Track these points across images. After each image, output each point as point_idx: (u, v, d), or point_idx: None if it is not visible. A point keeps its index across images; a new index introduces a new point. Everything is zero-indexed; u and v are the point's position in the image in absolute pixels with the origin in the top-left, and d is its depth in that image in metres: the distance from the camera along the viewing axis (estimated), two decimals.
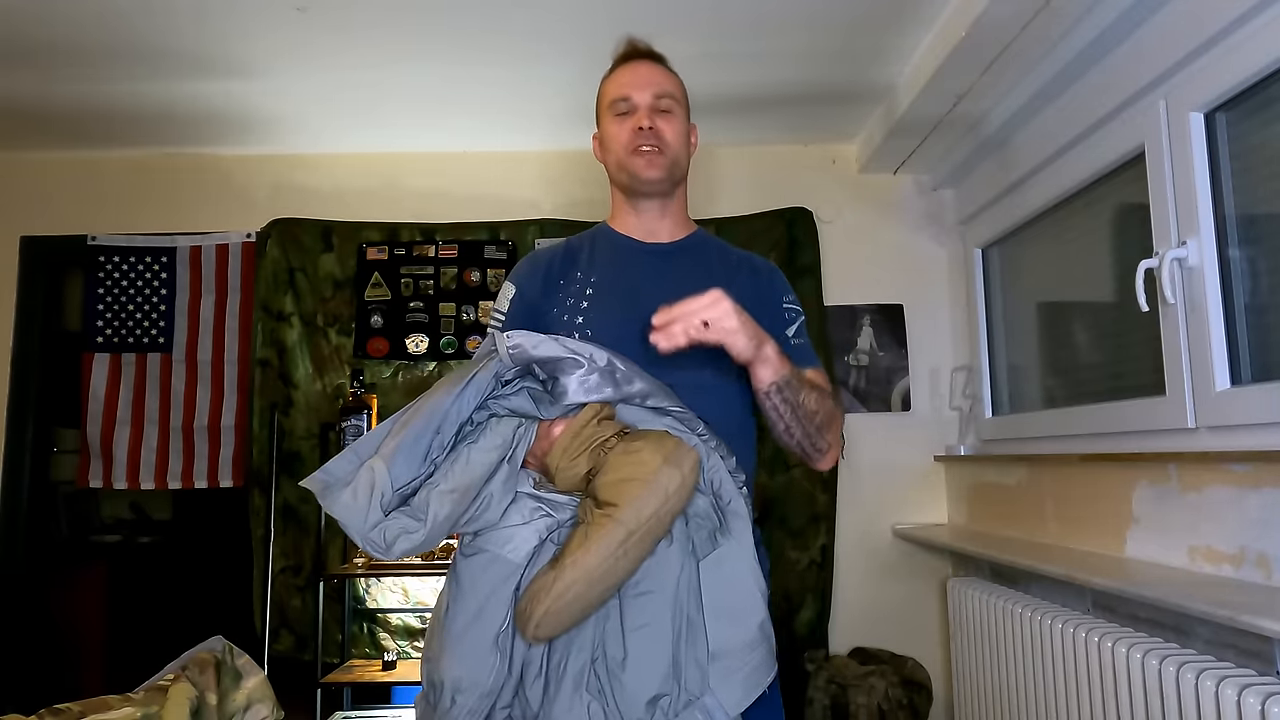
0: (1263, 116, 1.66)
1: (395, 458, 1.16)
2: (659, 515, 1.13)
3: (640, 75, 1.44)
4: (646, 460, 1.15)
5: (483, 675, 1.17)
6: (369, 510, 1.15)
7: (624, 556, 1.12)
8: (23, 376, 3.06)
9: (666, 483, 1.14)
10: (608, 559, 1.12)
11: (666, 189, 1.45)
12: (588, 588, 1.12)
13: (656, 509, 1.13)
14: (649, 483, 1.13)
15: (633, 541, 1.12)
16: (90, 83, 2.57)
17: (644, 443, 1.18)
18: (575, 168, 3.12)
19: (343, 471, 1.19)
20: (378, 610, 2.96)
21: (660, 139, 1.41)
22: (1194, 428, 1.78)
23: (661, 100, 1.43)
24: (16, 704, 2.02)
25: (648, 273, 1.43)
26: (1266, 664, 1.49)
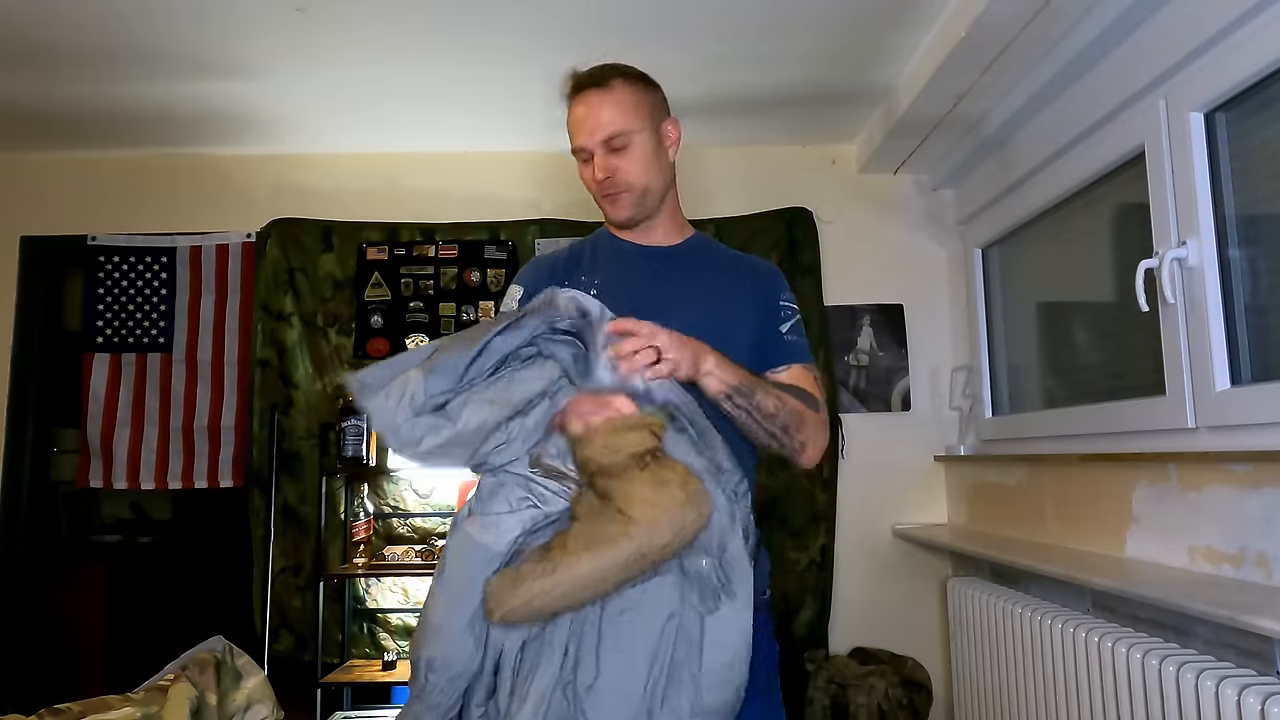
0: (1263, 116, 1.66)
1: (433, 370, 1.18)
2: (668, 547, 1.14)
3: (588, 119, 1.42)
4: (675, 493, 1.16)
5: (456, 657, 1.17)
6: (398, 410, 1.16)
7: (620, 573, 1.13)
8: (23, 376, 3.06)
9: (684, 519, 1.15)
10: (605, 571, 1.13)
11: (641, 218, 1.46)
12: (573, 591, 1.13)
13: (669, 541, 1.14)
14: (672, 513, 1.14)
15: (635, 563, 1.13)
16: (90, 83, 2.57)
17: (675, 474, 1.18)
18: (575, 168, 3.11)
19: (379, 379, 1.20)
20: (378, 610, 2.96)
21: (617, 182, 1.42)
22: (1194, 428, 1.78)
23: (613, 140, 1.40)
24: (16, 704, 2.02)
25: (651, 274, 1.45)
26: (1266, 664, 1.49)
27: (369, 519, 2.85)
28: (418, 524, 2.99)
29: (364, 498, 2.88)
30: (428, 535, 2.97)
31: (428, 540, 2.94)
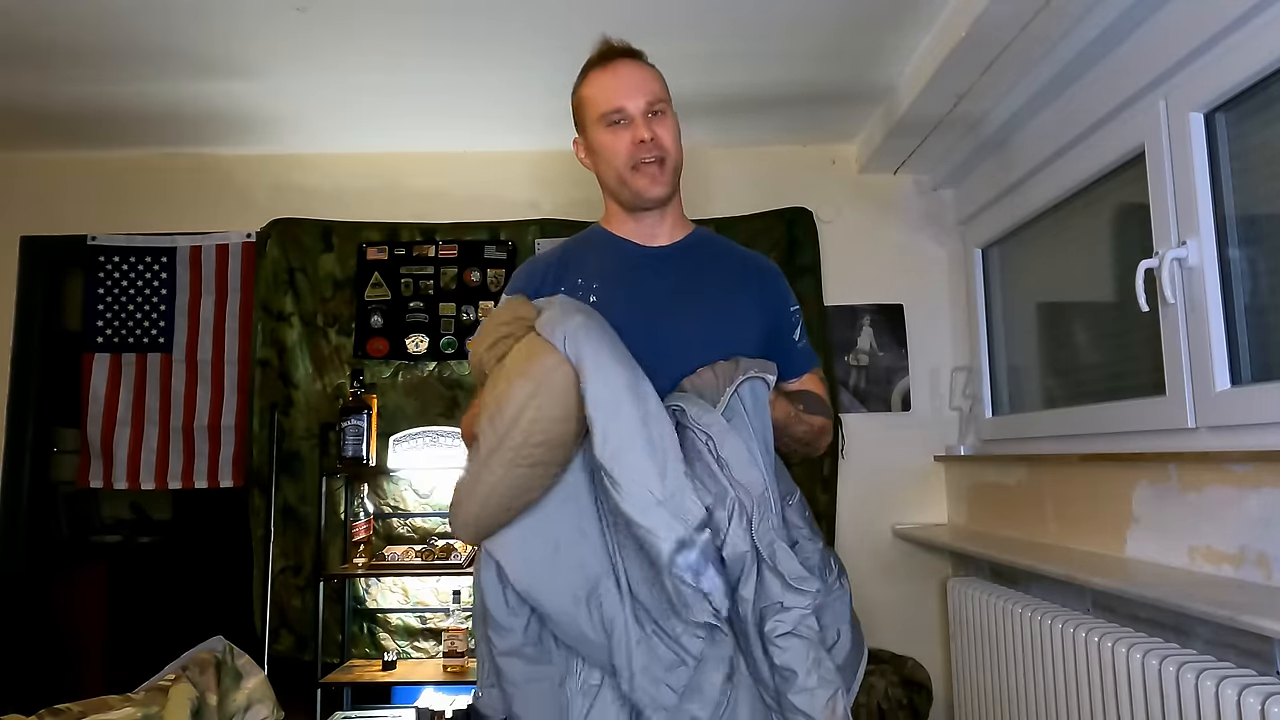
0: (1263, 116, 1.66)
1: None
2: (519, 427, 1.15)
3: (628, 81, 1.39)
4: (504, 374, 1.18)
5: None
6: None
7: (495, 471, 1.16)
8: (23, 376, 3.06)
9: (517, 395, 1.15)
10: (480, 478, 1.17)
11: (667, 197, 1.44)
12: (479, 505, 1.18)
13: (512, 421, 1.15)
14: (499, 399, 1.16)
15: (499, 458, 1.16)
16: (90, 83, 2.57)
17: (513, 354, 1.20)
18: (575, 168, 3.08)
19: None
20: (378, 610, 2.96)
21: (661, 146, 1.39)
22: (1194, 428, 1.78)
23: (655, 105, 1.39)
24: (16, 704, 2.02)
25: (651, 276, 1.43)
26: (1266, 664, 1.49)
27: (369, 519, 2.85)
28: (418, 524, 2.99)
29: (364, 498, 2.88)
30: (428, 535, 2.97)
31: (428, 540, 2.93)
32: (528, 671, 1.23)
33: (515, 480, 1.17)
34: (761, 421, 1.28)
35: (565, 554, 1.19)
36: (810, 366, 1.53)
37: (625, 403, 1.16)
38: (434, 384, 3.02)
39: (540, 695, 1.23)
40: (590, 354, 1.17)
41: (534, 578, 1.19)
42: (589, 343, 1.18)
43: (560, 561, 1.19)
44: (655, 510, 1.13)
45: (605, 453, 1.15)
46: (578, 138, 1.49)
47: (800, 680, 1.17)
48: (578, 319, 1.20)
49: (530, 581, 1.19)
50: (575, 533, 1.21)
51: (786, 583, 1.20)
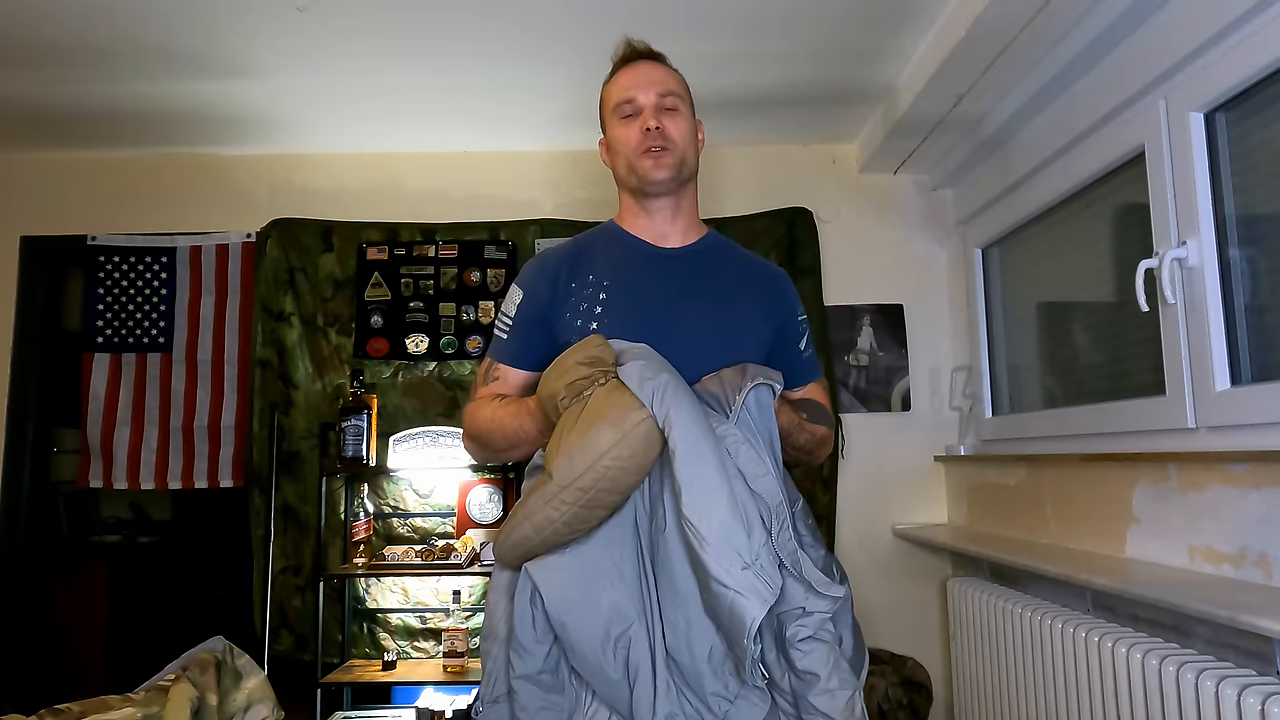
0: (1263, 116, 1.66)
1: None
2: (592, 472, 1.16)
3: (642, 75, 1.44)
4: (587, 417, 1.19)
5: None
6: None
7: (559, 508, 1.18)
8: (23, 376, 3.06)
9: (598, 442, 1.16)
10: (542, 510, 1.19)
11: (675, 188, 1.44)
12: (533, 532, 1.21)
13: (588, 466, 1.16)
14: (580, 441, 1.17)
15: (566, 496, 1.17)
16: (91, 83, 2.57)
17: (597, 399, 1.20)
18: (576, 168, 3.12)
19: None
20: (378, 610, 2.96)
21: (667, 137, 1.40)
22: (1194, 428, 1.78)
23: (666, 99, 1.42)
24: (16, 704, 2.02)
25: (662, 278, 1.43)
26: (1266, 664, 1.49)
27: (369, 519, 2.85)
28: (418, 524, 2.99)
29: (364, 498, 2.88)
30: (428, 535, 2.98)
31: (428, 540, 2.94)
32: (541, 699, 1.23)
33: (574, 518, 1.19)
34: (768, 429, 1.28)
35: (602, 592, 1.21)
36: (815, 376, 1.56)
37: (711, 464, 1.17)
38: (434, 384, 3.02)
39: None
40: (677, 413, 1.18)
41: (569, 608, 1.20)
42: (677, 402, 1.19)
43: (597, 598, 1.20)
44: (743, 574, 1.13)
45: (693, 509, 1.15)
46: (601, 139, 1.51)
47: (822, 683, 1.19)
48: (665, 377, 1.21)
49: (565, 611, 1.20)
50: (615, 573, 1.22)
51: (811, 588, 1.21)
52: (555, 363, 1.28)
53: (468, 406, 1.45)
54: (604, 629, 1.19)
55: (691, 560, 1.17)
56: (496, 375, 1.44)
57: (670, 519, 1.20)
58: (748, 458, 1.23)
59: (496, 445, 1.39)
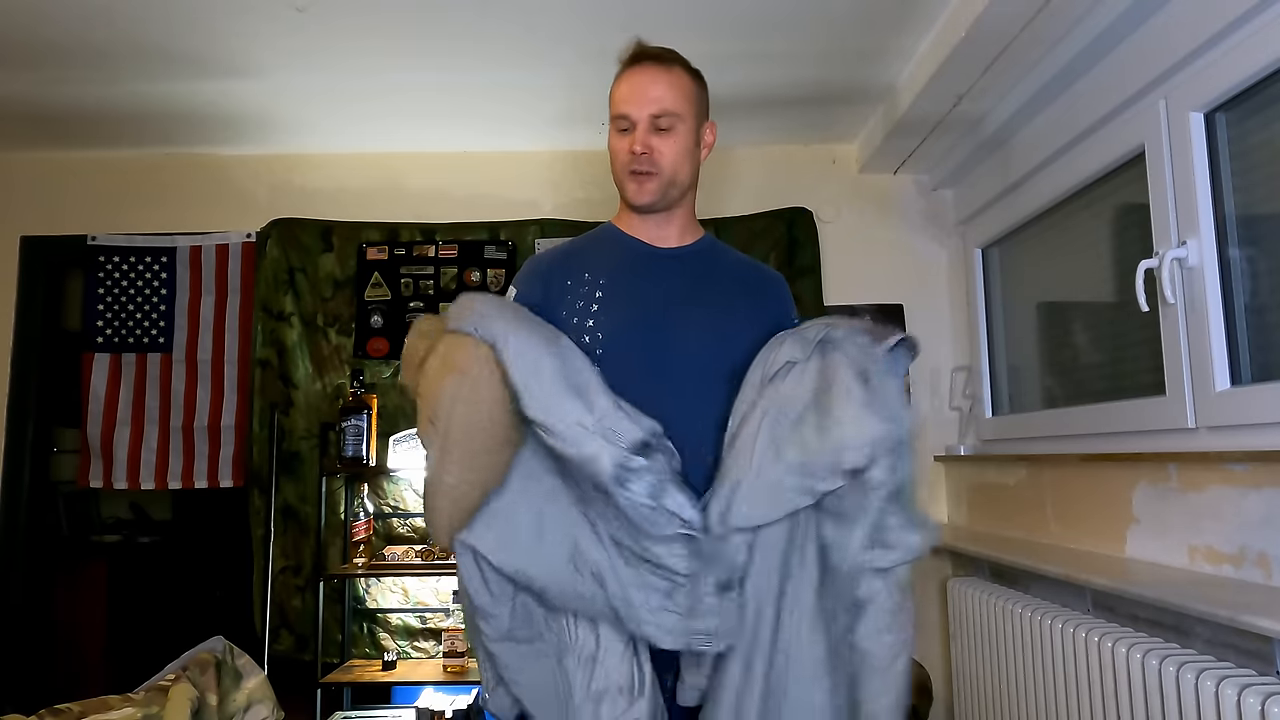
0: (1263, 116, 1.66)
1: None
2: (452, 419, 1.18)
3: (640, 89, 1.40)
4: (429, 378, 1.22)
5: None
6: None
7: (451, 470, 1.19)
8: (23, 376, 3.06)
9: (443, 391, 1.19)
10: (439, 480, 1.20)
11: (661, 208, 1.44)
12: (449, 505, 1.21)
13: (447, 416, 1.18)
14: (431, 400, 1.20)
15: (448, 458, 1.19)
16: (90, 83, 2.57)
17: (431, 361, 1.23)
18: (576, 168, 3.12)
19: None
20: (378, 610, 2.96)
21: (654, 162, 1.39)
22: (1194, 428, 1.78)
23: (660, 119, 1.38)
24: (16, 704, 2.02)
25: (658, 277, 1.43)
26: (1266, 664, 1.49)
27: (369, 519, 2.85)
28: (418, 524, 2.99)
29: (364, 498, 2.88)
30: (428, 535, 2.97)
31: (428, 540, 2.93)
32: (523, 653, 1.23)
33: (468, 469, 1.19)
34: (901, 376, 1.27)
35: (547, 524, 1.21)
36: None
37: (543, 357, 1.20)
38: None
39: (540, 675, 1.23)
40: (500, 327, 1.21)
41: (522, 555, 1.20)
42: (499, 318, 1.22)
43: (544, 532, 1.20)
44: (590, 439, 1.15)
45: (534, 409, 1.18)
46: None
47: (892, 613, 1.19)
48: (479, 302, 1.24)
49: (519, 561, 1.20)
50: (547, 501, 1.22)
51: (910, 521, 1.20)
52: (402, 361, 1.32)
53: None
54: (565, 556, 1.19)
55: (557, 454, 1.19)
56: None
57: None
58: (883, 388, 1.20)
59: None
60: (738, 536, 1.20)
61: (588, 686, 1.20)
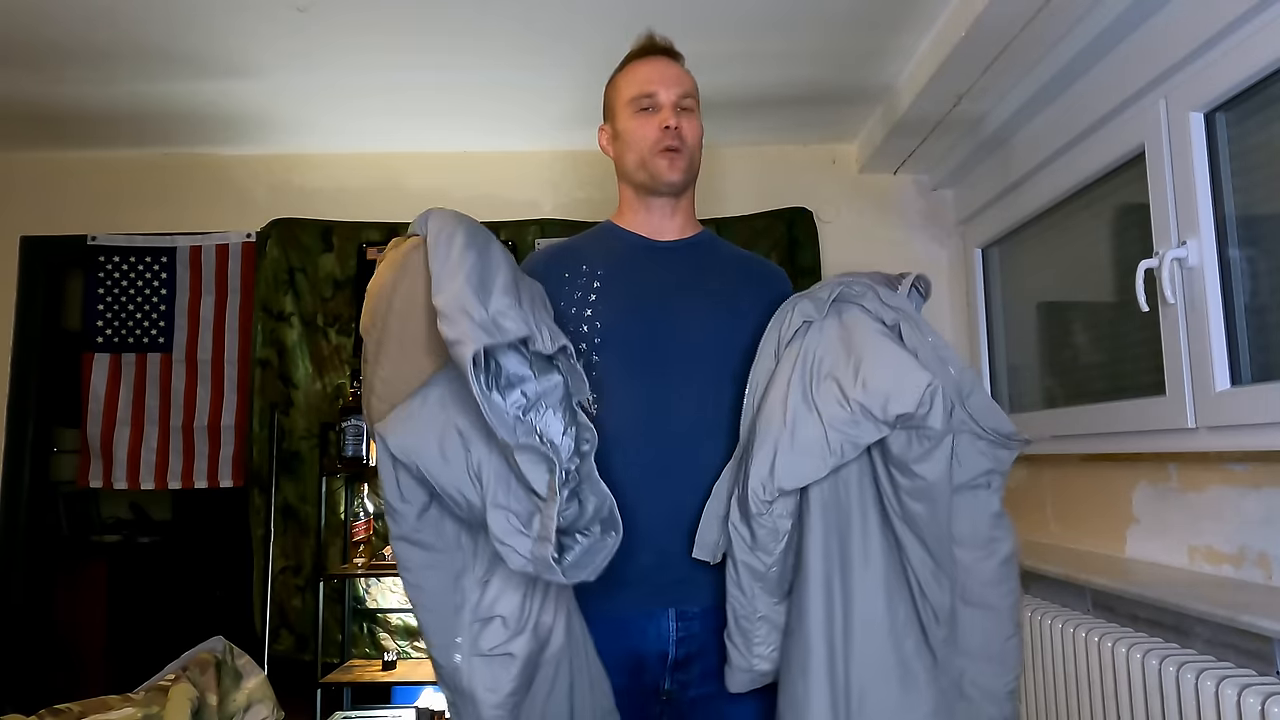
0: (1263, 116, 1.66)
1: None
2: (391, 312, 1.19)
3: (664, 72, 1.44)
4: (374, 279, 1.25)
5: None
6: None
7: (380, 358, 1.19)
8: (23, 376, 3.06)
9: (385, 284, 1.21)
10: (368, 369, 1.22)
11: (682, 189, 1.45)
12: (376, 401, 1.19)
13: (385, 312, 1.20)
14: (372, 296, 1.23)
15: (380, 345, 1.19)
16: (90, 83, 2.57)
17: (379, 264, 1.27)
18: (576, 168, 3.12)
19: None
20: (378, 610, 2.96)
21: (683, 139, 1.41)
22: (1194, 428, 1.78)
23: (684, 100, 1.43)
24: (16, 704, 2.02)
25: (658, 268, 1.43)
26: (1266, 664, 1.49)
27: (369, 519, 2.85)
28: None
29: (364, 498, 2.88)
30: None
31: None
32: (424, 558, 1.21)
33: (408, 368, 1.17)
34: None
35: (459, 426, 1.15)
36: None
37: (457, 246, 1.17)
38: None
39: (436, 584, 1.21)
40: (434, 221, 1.21)
41: (427, 455, 1.15)
42: (437, 215, 1.23)
43: (453, 434, 1.15)
44: (466, 324, 1.09)
45: (435, 294, 1.14)
46: (604, 125, 1.51)
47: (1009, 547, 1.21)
48: (432, 209, 1.26)
49: (424, 459, 1.15)
50: (456, 404, 1.16)
51: (1001, 437, 1.19)
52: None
53: None
54: (465, 458, 1.15)
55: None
56: None
57: None
58: (919, 333, 1.21)
59: None
60: (781, 504, 1.18)
61: (476, 607, 1.18)
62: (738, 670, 1.27)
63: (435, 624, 1.20)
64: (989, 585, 1.20)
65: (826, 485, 1.20)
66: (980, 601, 1.21)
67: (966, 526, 1.20)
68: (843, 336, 1.21)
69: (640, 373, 1.34)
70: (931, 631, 1.19)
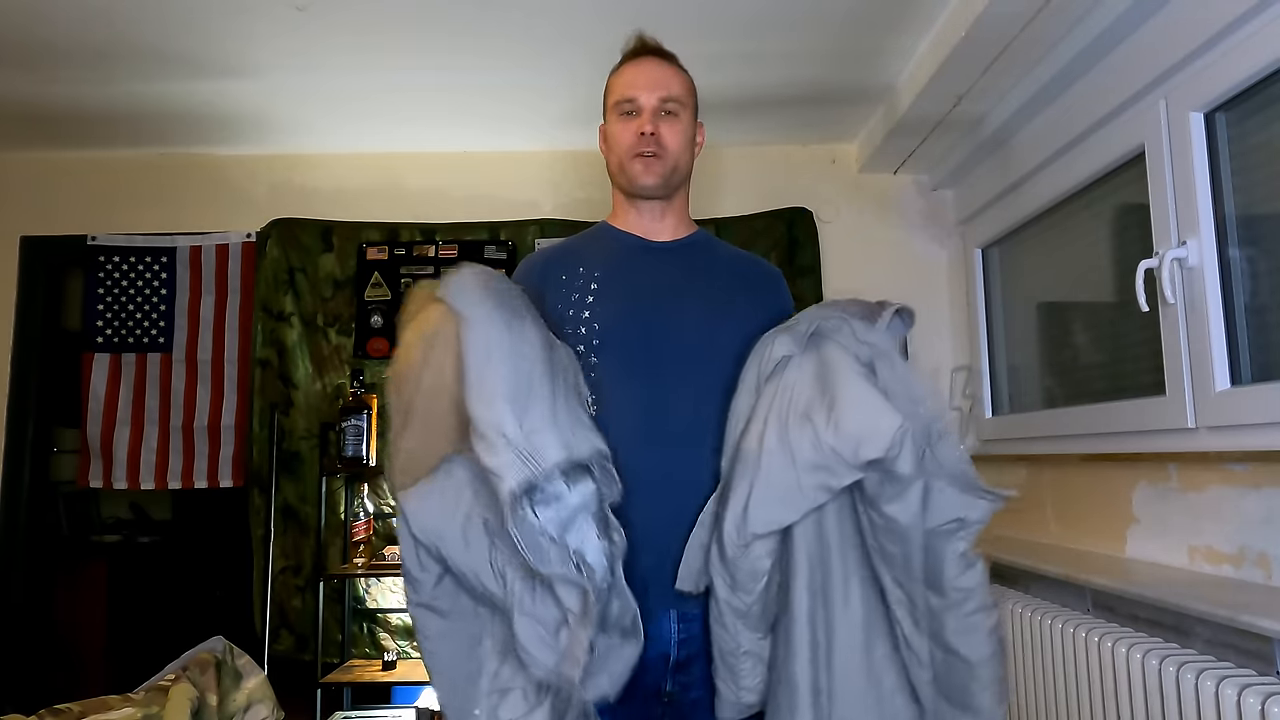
0: (1263, 116, 1.66)
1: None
2: (420, 385, 1.17)
3: (647, 75, 1.43)
4: (403, 343, 1.23)
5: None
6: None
7: (406, 429, 1.18)
8: (23, 376, 3.06)
9: (414, 359, 1.19)
10: (392, 435, 1.21)
11: (664, 194, 1.45)
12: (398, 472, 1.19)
13: (413, 389, 1.18)
14: (400, 368, 1.21)
15: (406, 416, 1.18)
16: (90, 83, 2.57)
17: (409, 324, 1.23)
18: (576, 168, 3.12)
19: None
20: (378, 610, 2.96)
21: (661, 144, 1.40)
22: (1194, 428, 1.78)
23: (667, 104, 1.42)
24: (16, 704, 2.03)
25: (654, 269, 1.43)
26: (1266, 664, 1.49)
27: (369, 519, 2.85)
28: None
29: (364, 498, 2.88)
30: None
31: None
32: (441, 626, 1.20)
33: (433, 442, 1.16)
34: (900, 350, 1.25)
35: (478, 509, 1.14)
36: None
37: (496, 346, 1.12)
38: None
39: (454, 651, 1.20)
40: (471, 301, 1.15)
41: (448, 536, 1.14)
42: (474, 291, 1.16)
43: (473, 517, 1.14)
44: (504, 451, 1.07)
45: (470, 400, 1.11)
46: (602, 125, 1.51)
47: (979, 599, 1.15)
48: (465, 272, 1.19)
49: (444, 540, 1.14)
50: (478, 481, 1.14)
51: (971, 485, 1.16)
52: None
53: None
54: (480, 544, 1.13)
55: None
56: None
57: None
58: (903, 366, 1.18)
59: None
60: (759, 545, 1.17)
61: (494, 677, 1.17)
62: (726, 703, 1.27)
63: (451, 694, 1.20)
64: (958, 635, 1.16)
65: (809, 520, 1.19)
66: (952, 650, 1.16)
67: (933, 571, 1.16)
68: (819, 374, 1.18)
69: (638, 374, 1.34)
70: (915, 673, 1.18)
